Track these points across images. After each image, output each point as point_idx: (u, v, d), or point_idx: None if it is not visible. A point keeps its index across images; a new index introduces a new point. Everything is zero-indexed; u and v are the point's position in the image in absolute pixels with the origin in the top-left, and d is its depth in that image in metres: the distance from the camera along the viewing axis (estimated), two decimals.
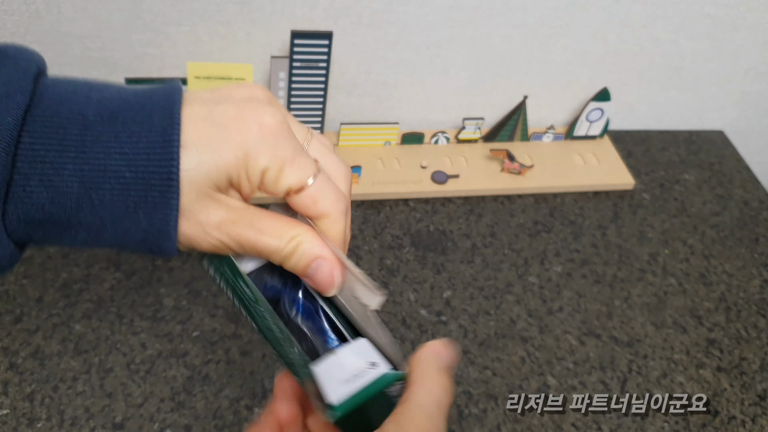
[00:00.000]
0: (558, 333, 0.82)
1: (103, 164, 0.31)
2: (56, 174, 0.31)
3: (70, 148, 0.31)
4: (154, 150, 0.32)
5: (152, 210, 0.32)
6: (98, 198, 0.31)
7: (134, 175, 0.31)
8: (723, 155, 1.11)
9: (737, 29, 1.03)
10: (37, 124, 0.30)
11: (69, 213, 0.31)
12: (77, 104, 0.32)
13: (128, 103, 0.33)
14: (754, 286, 0.91)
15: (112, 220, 0.32)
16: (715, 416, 0.76)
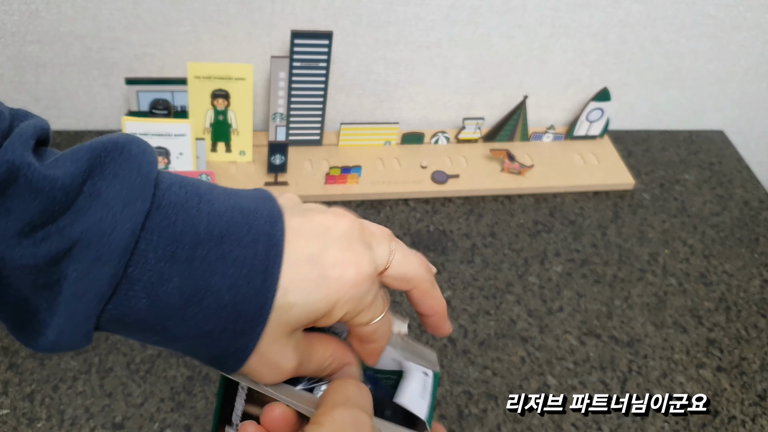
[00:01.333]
0: (558, 333, 0.82)
1: (206, 283, 0.32)
2: (161, 285, 0.31)
3: (180, 262, 0.31)
4: (255, 279, 0.32)
5: (237, 335, 0.33)
6: (193, 313, 0.32)
7: (232, 299, 0.32)
8: (723, 155, 1.11)
9: (737, 29, 1.03)
10: (153, 234, 0.31)
11: (160, 321, 0.31)
12: (190, 217, 0.32)
13: (235, 222, 0.33)
14: (754, 285, 0.91)
15: (195, 335, 0.33)
16: (715, 416, 0.76)
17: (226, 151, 0.92)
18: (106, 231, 0.29)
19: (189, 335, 0.33)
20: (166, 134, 0.80)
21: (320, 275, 0.34)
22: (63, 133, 0.95)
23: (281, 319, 0.33)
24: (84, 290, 0.29)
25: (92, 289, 0.29)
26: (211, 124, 0.89)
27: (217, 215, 0.33)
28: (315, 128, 0.95)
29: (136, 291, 0.31)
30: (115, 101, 0.94)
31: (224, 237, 0.32)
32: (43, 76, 0.90)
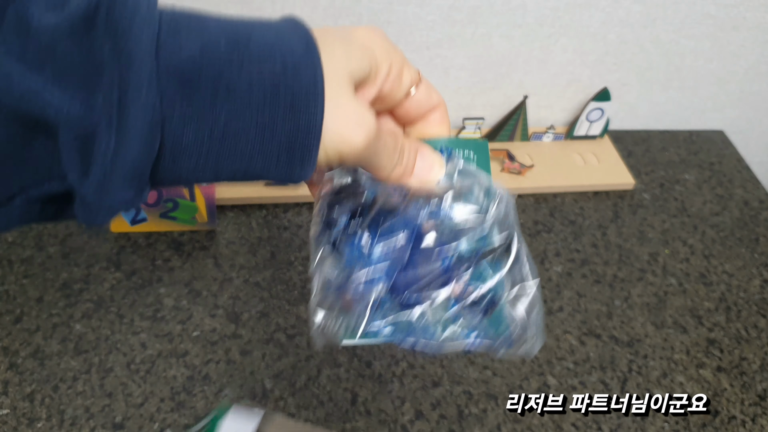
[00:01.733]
0: (558, 333, 0.82)
1: (248, 32, 0.31)
2: (204, 29, 0.30)
3: (210, 20, 0.31)
4: (295, 28, 0.32)
5: (300, 68, 0.31)
6: (247, 51, 0.30)
7: (276, 38, 0.31)
8: (723, 155, 1.12)
9: (737, 29, 1.03)
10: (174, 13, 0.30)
11: (218, 70, 0.30)
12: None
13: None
14: (754, 285, 0.91)
15: (261, 78, 0.30)
16: (716, 416, 0.76)
17: None
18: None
19: (254, 89, 0.30)
20: None
21: (347, 37, 0.34)
22: None
23: (334, 65, 0.32)
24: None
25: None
26: None
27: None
28: None
29: (183, 38, 0.29)
30: None
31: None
32: None
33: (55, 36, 0.27)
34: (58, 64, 0.27)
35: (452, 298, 0.37)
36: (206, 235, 0.85)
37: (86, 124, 0.28)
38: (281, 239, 0.86)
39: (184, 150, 0.30)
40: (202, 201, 0.82)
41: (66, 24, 0.27)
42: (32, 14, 0.27)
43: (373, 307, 0.36)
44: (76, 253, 0.81)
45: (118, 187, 0.29)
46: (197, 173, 0.31)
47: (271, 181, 0.34)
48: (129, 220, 0.82)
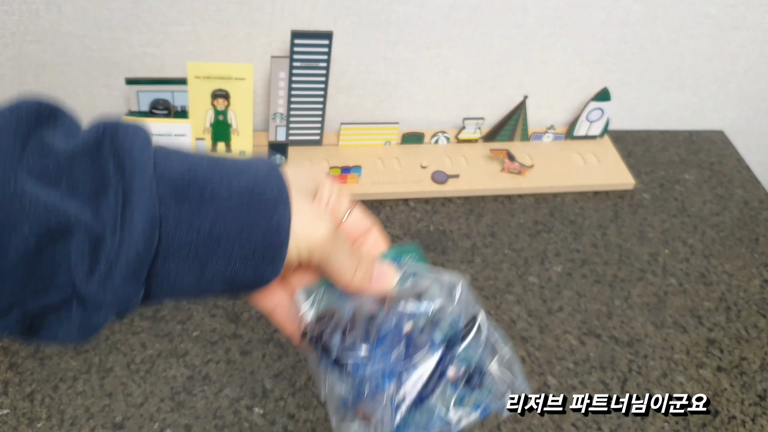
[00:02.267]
0: (558, 333, 0.82)
1: (222, 158, 0.38)
2: (188, 155, 0.37)
3: (192, 153, 0.38)
4: (257, 157, 0.40)
5: (268, 180, 0.38)
6: (225, 167, 0.37)
7: (245, 163, 0.38)
8: (723, 155, 1.12)
9: (737, 29, 1.03)
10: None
11: (203, 182, 0.35)
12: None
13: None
14: (754, 285, 0.91)
15: (239, 188, 0.36)
16: (716, 416, 0.76)
17: (226, 151, 0.92)
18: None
19: (232, 198, 0.36)
20: (166, 134, 0.80)
21: (299, 167, 0.42)
22: None
23: (294, 182, 0.39)
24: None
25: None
26: (211, 124, 0.89)
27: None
28: (315, 128, 0.95)
29: (173, 161, 0.36)
30: (115, 101, 0.94)
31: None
32: (43, 75, 0.90)
33: (71, 157, 0.33)
34: (72, 179, 0.33)
35: (451, 383, 0.42)
36: None
37: (96, 228, 0.33)
38: None
39: (175, 249, 0.35)
40: None
41: (80, 148, 0.34)
42: (52, 140, 0.33)
43: (393, 406, 0.41)
44: None
45: (120, 283, 0.33)
46: (184, 276, 0.36)
47: (240, 291, 0.39)
48: None
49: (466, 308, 0.43)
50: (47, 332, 0.35)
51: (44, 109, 0.35)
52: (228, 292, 0.39)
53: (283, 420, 0.70)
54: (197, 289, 0.38)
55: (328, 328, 0.41)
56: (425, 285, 0.43)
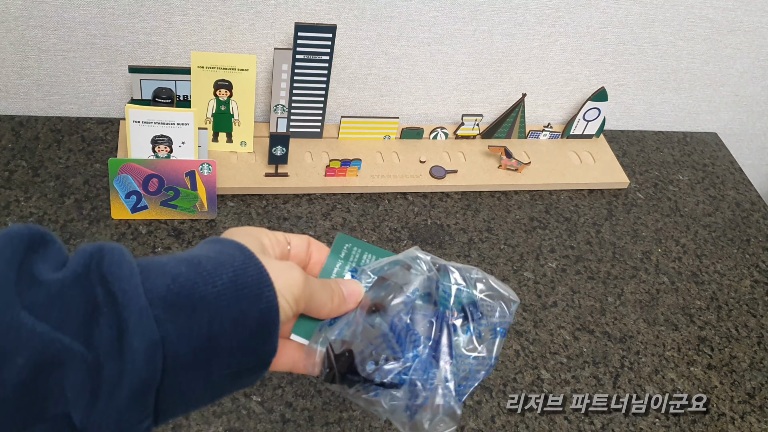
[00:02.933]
0: (552, 328, 0.83)
1: (196, 258, 0.39)
2: (166, 266, 0.37)
3: (164, 259, 0.39)
4: (221, 241, 0.42)
5: (246, 267, 0.39)
6: (204, 270, 0.38)
7: (217, 253, 0.40)
8: (716, 157, 1.13)
9: (734, 33, 1.05)
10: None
11: (189, 290, 0.37)
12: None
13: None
14: (745, 285, 0.93)
15: (224, 284, 0.38)
16: (705, 413, 0.78)
17: (227, 141, 0.92)
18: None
19: (224, 296, 0.38)
20: (169, 123, 0.81)
21: (246, 233, 0.44)
22: (64, 119, 0.95)
23: (258, 250, 0.42)
24: None
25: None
26: (213, 113, 0.90)
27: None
28: (316, 121, 0.96)
29: (154, 278, 0.36)
30: (117, 89, 0.94)
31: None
32: (45, 61, 0.90)
33: (60, 288, 0.34)
34: (62, 310, 0.33)
35: (462, 329, 0.47)
36: (206, 224, 0.86)
37: (90, 359, 0.33)
38: (280, 230, 0.86)
39: (182, 363, 0.36)
40: (203, 190, 0.83)
41: (69, 278, 0.34)
42: (40, 272, 0.34)
43: (449, 384, 0.45)
44: (77, 239, 0.81)
45: (125, 411, 0.34)
46: (193, 385, 0.37)
47: (247, 378, 0.41)
48: (130, 207, 0.83)
49: (430, 269, 0.47)
50: None
51: (35, 237, 0.35)
52: (237, 385, 0.41)
53: (281, 408, 0.70)
54: (207, 394, 0.39)
55: (356, 361, 0.44)
56: (394, 274, 0.47)
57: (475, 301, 0.47)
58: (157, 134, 0.81)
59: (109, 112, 0.97)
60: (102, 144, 0.92)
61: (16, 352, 0.31)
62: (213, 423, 0.68)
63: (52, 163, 0.89)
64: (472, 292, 0.47)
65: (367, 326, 0.45)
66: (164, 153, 0.83)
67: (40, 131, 0.93)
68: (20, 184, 0.86)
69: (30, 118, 0.94)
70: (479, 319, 0.47)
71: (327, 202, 0.91)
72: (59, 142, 0.92)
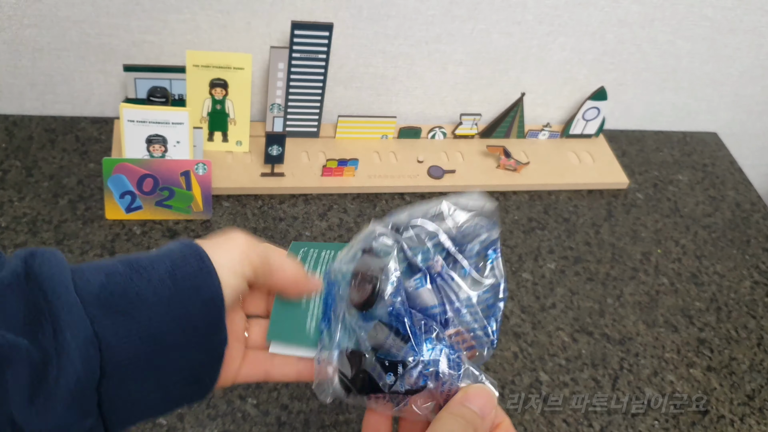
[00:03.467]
0: (551, 329, 0.82)
1: (135, 255, 0.38)
2: (100, 264, 0.37)
3: (105, 260, 0.38)
4: (172, 245, 0.40)
5: (185, 257, 0.38)
6: (139, 265, 0.37)
7: (159, 249, 0.39)
8: (716, 157, 1.12)
9: (734, 32, 1.04)
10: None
11: (124, 286, 0.36)
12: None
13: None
14: (745, 287, 0.92)
15: (160, 278, 0.37)
16: (705, 415, 0.77)
17: (223, 140, 0.92)
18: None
19: (164, 301, 0.36)
20: (163, 122, 0.80)
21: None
22: (58, 119, 0.94)
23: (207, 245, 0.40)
24: None
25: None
26: (208, 113, 0.89)
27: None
28: (312, 120, 0.95)
29: (89, 276, 0.36)
30: (111, 88, 0.94)
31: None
32: (39, 60, 0.89)
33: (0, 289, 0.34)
34: (3, 311, 0.33)
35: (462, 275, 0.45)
36: (201, 225, 0.85)
37: (35, 357, 0.33)
38: (277, 230, 0.86)
39: (126, 364, 0.35)
40: (198, 190, 0.82)
41: (6, 280, 0.34)
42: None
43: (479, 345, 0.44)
44: (70, 240, 0.80)
45: (62, 411, 0.33)
46: (145, 390, 0.36)
47: (204, 377, 0.40)
48: (124, 207, 0.82)
49: (395, 240, 0.45)
50: None
51: None
52: (195, 385, 0.39)
53: (276, 411, 0.70)
54: (162, 400, 0.37)
55: (374, 378, 0.41)
56: (364, 265, 0.44)
57: (454, 238, 0.44)
58: (151, 133, 0.81)
59: (104, 112, 0.96)
60: (96, 143, 0.92)
61: None
62: (208, 426, 0.68)
63: (45, 163, 0.88)
64: (447, 230, 0.45)
65: (369, 331, 0.42)
66: (159, 152, 0.82)
67: (33, 131, 0.92)
68: (14, 184, 0.85)
69: (24, 118, 0.93)
70: (469, 252, 0.44)
71: (323, 202, 0.90)
72: (53, 142, 0.91)
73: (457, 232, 0.44)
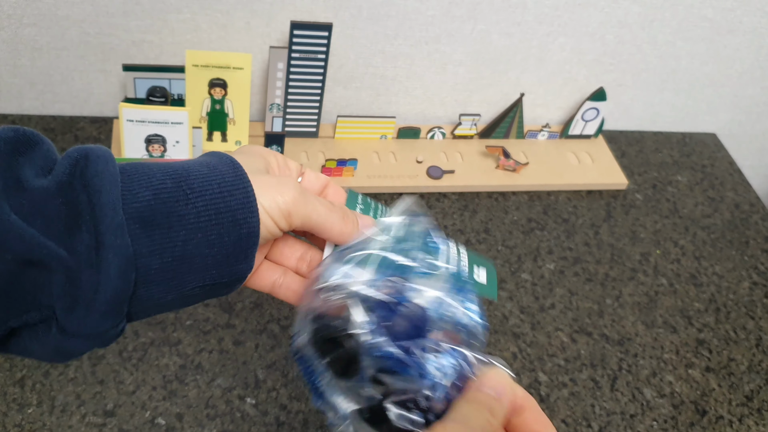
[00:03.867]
0: (550, 330, 0.82)
1: (186, 171, 0.38)
2: (152, 176, 0.37)
3: (154, 166, 0.38)
4: (219, 156, 0.41)
5: (233, 190, 0.38)
6: (189, 187, 0.37)
7: (209, 170, 0.39)
8: (715, 158, 1.12)
9: (733, 33, 1.04)
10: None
11: (169, 207, 0.36)
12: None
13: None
14: (744, 288, 0.92)
15: (205, 206, 0.37)
16: (703, 415, 0.77)
17: (222, 140, 0.91)
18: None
19: (201, 215, 0.37)
20: (163, 122, 0.80)
21: (250, 152, 0.44)
22: (58, 118, 0.94)
23: (253, 169, 0.41)
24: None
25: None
26: (207, 112, 0.89)
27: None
28: (312, 120, 0.95)
29: (137, 188, 0.36)
30: (111, 87, 0.94)
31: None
32: (38, 59, 0.89)
33: (44, 195, 0.34)
34: (46, 217, 0.34)
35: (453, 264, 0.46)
36: None
37: (72, 265, 0.34)
38: None
39: (153, 277, 0.36)
40: None
41: (53, 186, 0.35)
42: (26, 178, 0.34)
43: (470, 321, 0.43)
44: None
45: (99, 318, 0.35)
46: (165, 295, 0.38)
47: (221, 291, 0.41)
48: None
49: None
50: (18, 346, 0.36)
51: (22, 138, 0.36)
52: (209, 296, 0.41)
53: (275, 411, 0.70)
54: (179, 303, 0.39)
55: (406, 420, 0.38)
56: (329, 328, 0.41)
57: (395, 249, 0.43)
58: (151, 133, 0.81)
59: (103, 111, 0.96)
60: (95, 143, 0.92)
61: (4, 248, 0.32)
62: (207, 426, 0.68)
63: None
64: (384, 245, 0.43)
65: (371, 387, 0.39)
66: (158, 152, 0.82)
67: None
68: None
69: (23, 117, 0.93)
70: (413, 254, 0.42)
71: None
72: (53, 141, 0.91)
73: (394, 243, 0.43)
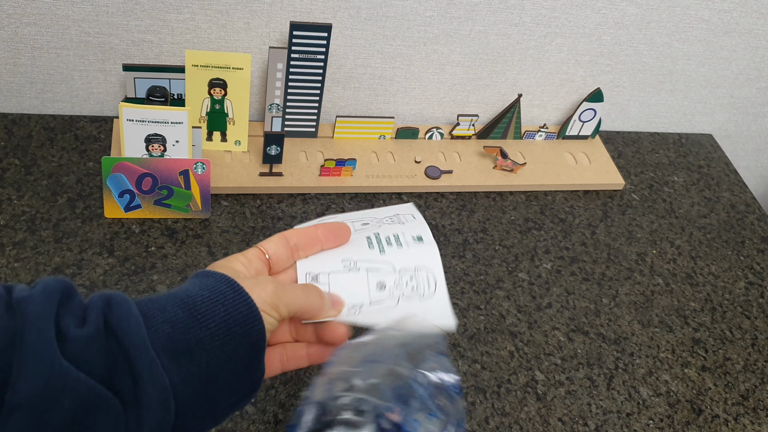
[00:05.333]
0: (546, 329, 0.83)
1: (192, 298, 0.43)
2: (167, 311, 0.42)
3: (162, 299, 0.44)
4: (214, 276, 0.46)
5: (237, 304, 0.44)
6: (199, 313, 0.42)
7: (210, 292, 0.44)
8: (711, 158, 1.13)
9: (729, 34, 1.05)
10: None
11: (188, 335, 0.41)
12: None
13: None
14: (739, 287, 0.93)
15: (217, 325, 0.42)
16: (699, 414, 0.78)
17: (221, 140, 0.92)
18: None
19: (218, 346, 0.42)
20: (163, 122, 0.80)
21: (236, 259, 0.51)
22: (57, 118, 0.94)
23: (247, 285, 0.46)
24: None
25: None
26: (207, 112, 0.89)
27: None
28: (311, 120, 0.95)
29: (158, 325, 0.41)
30: (111, 87, 0.94)
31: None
32: (38, 59, 0.89)
33: (85, 343, 0.38)
34: (89, 363, 0.37)
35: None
36: (200, 224, 0.85)
37: (117, 405, 0.37)
38: (275, 229, 0.86)
39: (189, 403, 0.40)
40: (196, 189, 0.82)
41: (92, 334, 0.38)
42: (68, 327, 0.38)
43: None
44: (69, 238, 0.81)
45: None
46: (202, 421, 0.42)
47: (246, 400, 0.46)
48: (123, 206, 0.82)
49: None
50: None
51: (64, 291, 0.39)
52: (235, 409, 0.46)
53: (274, 409, 0.70)
54: (212, 422, 0.44)
55: None
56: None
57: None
58: (150, 133, 0.81)
59: (103, 111, 0.96)
60: (95, 142, 0.92)
61: (63, 395, 0.36)
62: None
63: (44, 162, 0.88)
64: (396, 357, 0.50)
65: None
66: (158, 152, 0.82)
67: (33, 129, 0.92)
68: (13, 183, 0.85)
69: (23, 116, 0.93)
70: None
71: (321, 201, 0.91)
72: (52, 141, 0.91)
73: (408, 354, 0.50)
